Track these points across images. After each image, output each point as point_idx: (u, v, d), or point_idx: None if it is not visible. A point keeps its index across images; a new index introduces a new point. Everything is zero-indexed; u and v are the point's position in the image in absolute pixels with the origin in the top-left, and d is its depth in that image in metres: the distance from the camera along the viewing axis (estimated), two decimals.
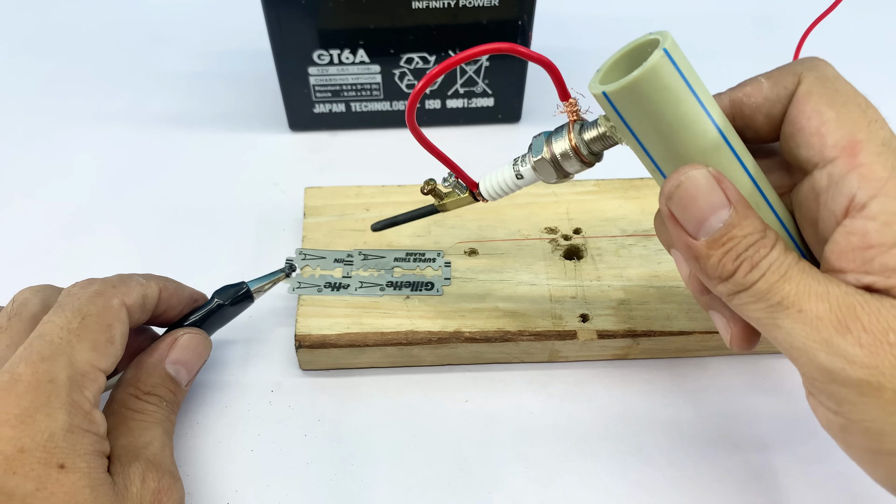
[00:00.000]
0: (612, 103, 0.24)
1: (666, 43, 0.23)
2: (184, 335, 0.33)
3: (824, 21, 0.40)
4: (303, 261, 0.39)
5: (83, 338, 0.28)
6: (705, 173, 0.24)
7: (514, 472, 0.33)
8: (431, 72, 0.25)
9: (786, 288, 0.23)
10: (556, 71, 0.26)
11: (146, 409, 0.31)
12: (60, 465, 0.25)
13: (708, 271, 0.25)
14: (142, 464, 0.28)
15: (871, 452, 0.23)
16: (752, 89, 0.26)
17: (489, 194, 0.31)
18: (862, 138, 0.23)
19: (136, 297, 0.31)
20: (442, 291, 0.37)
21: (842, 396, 0.23)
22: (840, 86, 0.24)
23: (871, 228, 0.23)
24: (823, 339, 0.22)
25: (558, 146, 0.28)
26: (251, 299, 0.36)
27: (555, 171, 0.28)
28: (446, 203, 0.33)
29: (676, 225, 0.25)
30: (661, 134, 0.24)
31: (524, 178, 0.30)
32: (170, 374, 0.32)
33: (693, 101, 0.24)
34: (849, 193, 0.23)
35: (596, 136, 0.27)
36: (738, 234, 0.24)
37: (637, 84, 0.23)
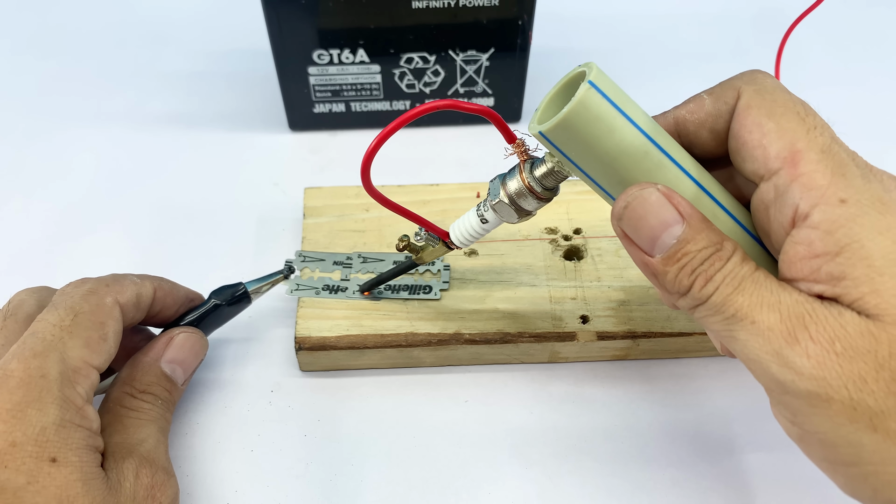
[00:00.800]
0: (550, 141, 0.25)
1: (591, 75, 0.23)
2: (180, 334, 0.33)
3: (813, 15, 0.40)
4: (302, 263, 0.39)
5: (75, 335, 0.28)
6: (653, 191, 0.24)
7: (514, 472, 0.33)
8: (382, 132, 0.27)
9: (739, 300, 0.23)
10: (498, 117, 0.27)
11: (141, 407, 0.31)
12: (52, 458, 0.25)
13: (666, 287, 0.25)
14: (135, 460, 0.29)
15: (827, 462, 0.24)
16: (694, 106, 0.26)
17: (460, 241, 0.32)
18: (801, 147, 0.23)
19: (129, 295, 0.31)
20: (440, 296, 0.37)
21: (795, 407, 0.23)
22: (778, 96, 0.24)
23: (814, 237, 0.23)
24: (774, 350, 0.22)
25: (512, 186, 0.28)
26: (249, 300, 0.36)
27: (515, 210, 0.29)
28: (423, 256, 0.34)
29: (631, 244, 0.25)
30: (603, 162, 0.25)
31: (489, 221, 0.31)
32: (165, 373, 0.32)
33: (628, 126, 0.24)
34: (793, 204, 0.23)
35: (545, 172, 0.27)
36: (692, 248, 0.24)
37: (568, 120, 0.23)
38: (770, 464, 0.34)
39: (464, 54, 0.46)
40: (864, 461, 0.22)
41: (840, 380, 0.22)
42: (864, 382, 0.21)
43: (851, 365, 0.22)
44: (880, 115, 0.53)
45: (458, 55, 0.46)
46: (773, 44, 0.57)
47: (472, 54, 0.46)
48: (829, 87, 0.54)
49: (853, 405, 0.22)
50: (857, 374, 0.21)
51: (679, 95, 0.53)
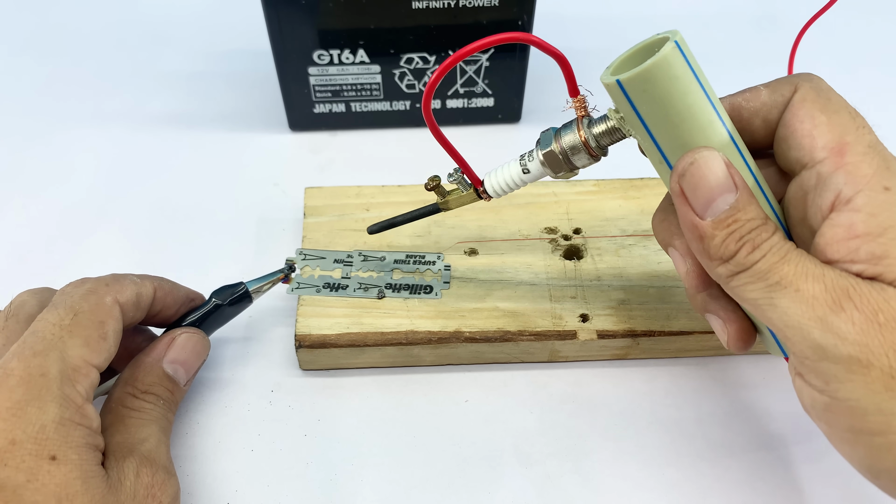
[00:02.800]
0: (625, 92, 0.25)
1: (676, 37, 0.24)
2: (181, 335, 0.33)
3: (821, 19, 0.40)
4: (303, 261, 0.39)
5: (75, 334, 0.28)
6: (717, 156, 0.25)
7: (514, 472, 0.33)
8: (447, 61, 0.26)
9: (785, 269, 0.24)
10: (569, 66, 0.27)
11: (143, 407, 0.31)
12: (52, 456, 0.25)
13: (711, 251, 0.25)
14: (136, 459, 0.29)
15: (852, 432, 0.24)
16: (751, 95, 0.28)
17: (494, 191, 0.32)
18: (850, 140, 0.25)
19: (129, 294, 0.31)
20: (440, 295, 0.37)
21: (831, 374, 0.23)
22: (832, 96, 0.26)
23: (856, 220, 0.24)
24: (818, 316, 0.23)
25: (567, 140, 0.29)
26: (250, 300, 0.36)
27: (564, 163, 0.29)
28: (449, 200, 0.34)
29: (685, 203, 0.26)
30: (671, 122, 0.25)
31: (531, 172, 0.30)
32: (167, 374, 0.32)
33: (701, 94, 0.25)
34: (835, 189, 0.24)
35: (605, 130, 0.28)
36: (742, 217, 0.25)
37: (649, 72, 0.24)
38: (770, 464, 0.34)
39: None
40: (893, 430, 0.23)
41: (882, 348, 0.23)
42: None
43: (893, 335, 0.22)
44: (886, 120, 0.53)
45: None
46: (774, 44, 0.57)
47: (472, 55, 0.46)
48: None
49: (892, 373, 0.22)
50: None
51: None
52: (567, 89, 0.28)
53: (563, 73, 0.27)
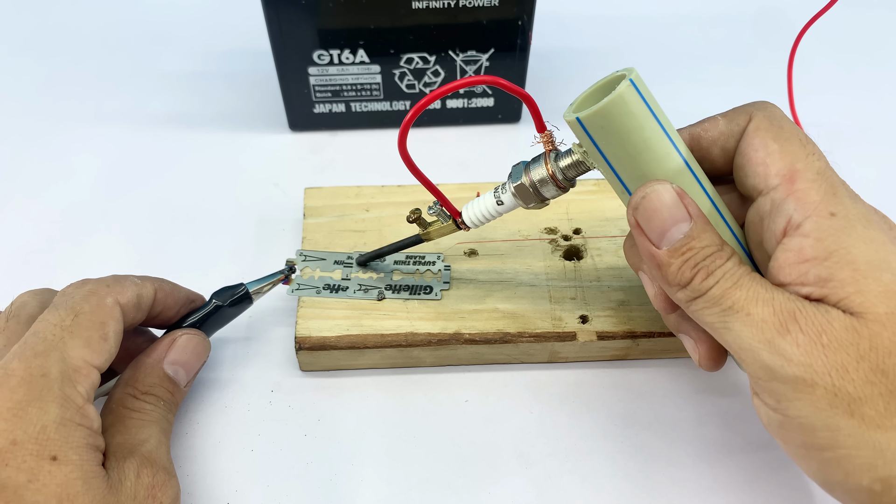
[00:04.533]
0: (584, 128, 0.27)
1: (632, 75, 0.26)
2: (182, 336, 0.33)
3: (821, 19, 0.40)
4: (303, 262, 0.39)
5: (76, 334, 0.28)
6: (669, 188, 0.27)
7: (514, 472, 0.33)
8: (420, 102, 0.27)
9: (736, 294, 0.25)
10: (534, 105, 0.29)
11: (143, 408, 0.31)
12: (53, 456, 0.25)
13: (668, 278, 0.27)
14: (137, 459, 0.29)
15: (804, 447, 0.25)
16: (709, 125, 0.29)
17: (471, 221, 0.33)
18: (800, 167, 0.26)
19: (130, 296, 0.31)
20: (440, 296, 0.37)
21: (780, 393, 0.25)
22: (785, 124, 0.27)
23: (805, 244, 0.25)
24: (766, 339, 0.25)
25: (536, 173, 0.30)
26: (250, 301, 0.36)
27: (534, 195, 0.31)
28: (430, 232, 0.35)
29: (641, 234, 0.27)
30: (629, 155, 0.27)
31: (504, 204, 0.32)
32: (168, 375, 0.32)
33: (656, 127, 0.27)
34: (787, 215, 0.26)
35: (570, 164, 0.29)
36: (696, 245, 0.26)
37: (606, 109, 0.26)
38: (770, 464, 0.34)
39: (464, 54, 0.46)
40: (840, 445, 0.24)
41: (825, 367, 0.24)
42: (845, 371, 0.24)
43: (835, 355, 0.24)
44: (883, 119, 0.53)
45: (458, 55, 0.46)
46: (774, 44, 0.57)
47: (472, 55, 0.46)
48: (832, 91, 0.54)
49: (834, 391, 0.24)
50: (840, 363, 0.24)
51: (679, 95, 0.53)
52: (534, 125, 0.30)
53: (529, 111, 0.29)
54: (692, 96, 0.52)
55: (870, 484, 0.24)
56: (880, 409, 0.23)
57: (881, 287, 0.24)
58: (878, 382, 0.23)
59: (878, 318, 0.24)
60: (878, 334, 0.24)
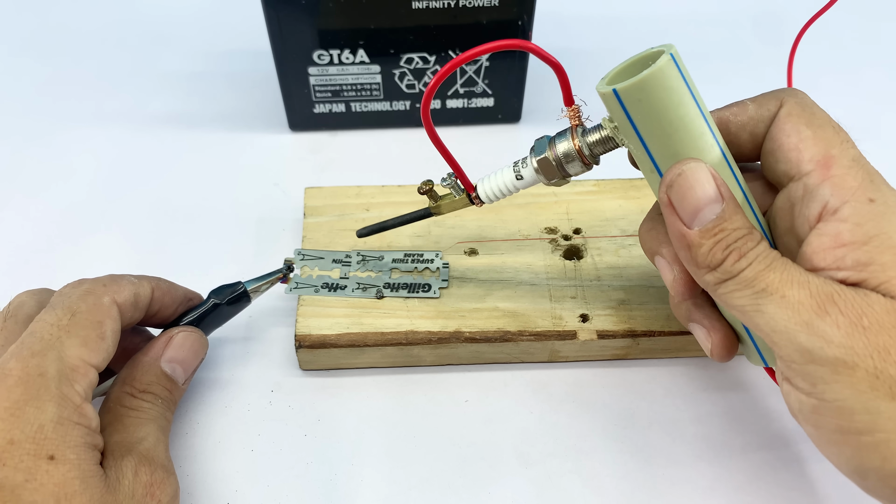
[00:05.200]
0: (620, 101, 0.26)
1: (672, 50, 0.25)
2: (179, 334, 0.33)
3: (820, 19, 0.40)
4: (301, 261, 0.39)
5: (73, 334, 0.28)
6: (704, 167, 0.26)
7: (514, 472, 0.33)
8: (444, 68, 0.26)
9: (770, 276, 0.25)
10: (565, 75, 0.28)
11: (141, 407, 0.31)
12: (50, 456, 0.25)
13: (698, 260, 0.26)
14: (135, 458, 0.29)
15: (839, 432, 0.24)
16: (738, 109, 0.28)
17: (487, 196, 0.32)
18: (835, 154, 0.26)
19: (127, 294, 0.31)
20: (439, 294, 0.37)
21: (817, 376, 0.24)
22: (816, 111, 0.27)
23: (843, 229, 0.25)
24: (804, 321, 0.24)
25: (562, 148, 0.29)
26: (248, 299, 0.36)
27: (558, 171, 0.30)
28: (441, 205, 0.34)
29: (673, 213, 0.26)
30: (664, 132, 0.26)
31: (524, 179, 0.31)
32: (165, 373, 0.32)
33: (693, 106, 0.26)
34: (822, 200, 0.25)
35: (599, 139, 0.28)
36: (728, 226, 0.26)
37: (645, 82, 0.25)
38: (770, 464, 0.34)
39: None
40: (879, 428, 0.23)
41: (866, 349, 0.23)
42: (887, 353, 0.23)
43: (877, 337, 0.23)
44: (883, 118, 0.53)
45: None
46: (773, 44, 0.57)
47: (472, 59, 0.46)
48: (832, 91, 0.54)
49: (876, 373, 0.23)
50: (882, 345, 0.23)
51: None
52: (562, 98, 0.29)
53: (559, 81, 0.28)
54: None
55: None
56: None
57: None
58: None
59: None
60: None
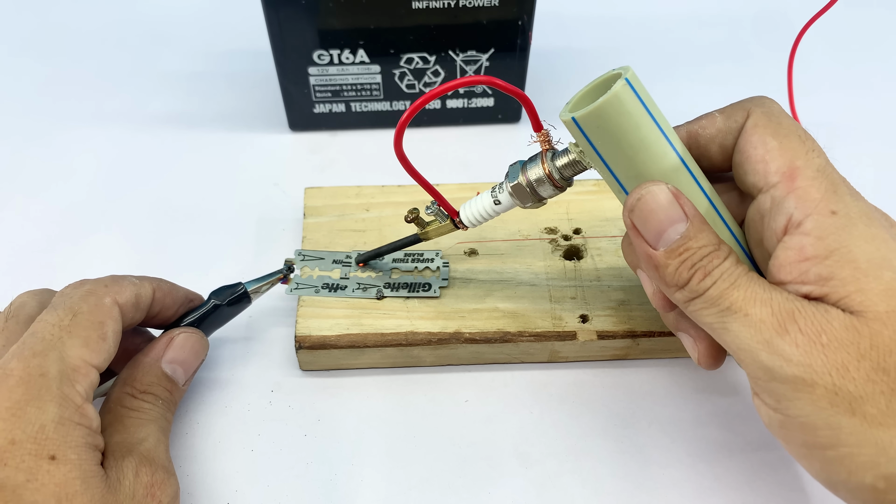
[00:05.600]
0: (580, 128, 0.27)
1: (627, 74, 0.26)
2: (180, 335, 0.33)
3: (821, 19, 0.40)
4: (301, 261, 0.39)
5: (74, 334, 0.28)
6: (664, 189, 0.26)
7: (514, 472, 0.33)
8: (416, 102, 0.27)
9: (734, 294, 0.25)
10: (530, 104, 0.29)
11: (141, 407, 0.31)
12: (51, 456, 0.25)
13: (666, 279, 0.27)
14: (135, 458, 0.29)
15: (805, 447, 0.25)
16: (706, 122, 0.29)
17: (469, 221, 0.33)
18: (800, 165, 0.26)
19: (128, 295, 0.31)
20: (439, 293, 0.37)
21: (780, 393, 0.25)
22: (783, 120, 0.27)
23: (806, 243, 0.25)
24: (765, 339, 0.25)
25: (533, 173, 0.30)
26: (249, 300, 0.36)
27: (531, 195, 0.31)
28: (428, 231, 0.35)
29: (638, 236, 0.27)
30: (625, 155, 0.27)
31: (502, 203, 0.32)
32: (166, 373, 0.32)
33: (653, 126, 0.26)
34: (787, 213, 0.26)
35: (567, 163, 0.29)
36: (693, 245, 0.26)
37: (602, 109, 0.25)
38: (770, 464, 0.34)
39: (464, 54, 0.46)
40: (842, 443, 0.24)
41: (825, 367, 0.24)
42: (846, 370, 0.23)
43: (835, 354, 0.24)
44: (883, 118, 0.53)
45: (458, 55, 0.46)
46: (773, 44, 0.57)
47: (472, 54, 0.46)
48: (832, 91, 0.54)
49: (835, 390, 0.24)
50: (840, 362, 0.24)
51: (678, 95, 0.53)
52: (531, 125, 0.30)
53: (525, 110, 0.29)
54: (691, 96, 0.52)
55: (873, 482, 0.24)
56: (882, 408, 0.23)
57: (882, 285, 0.24)
58: (880, 381, 0.23)
59: (878, 316, 0.24)
60: (878, 333, 0.23)
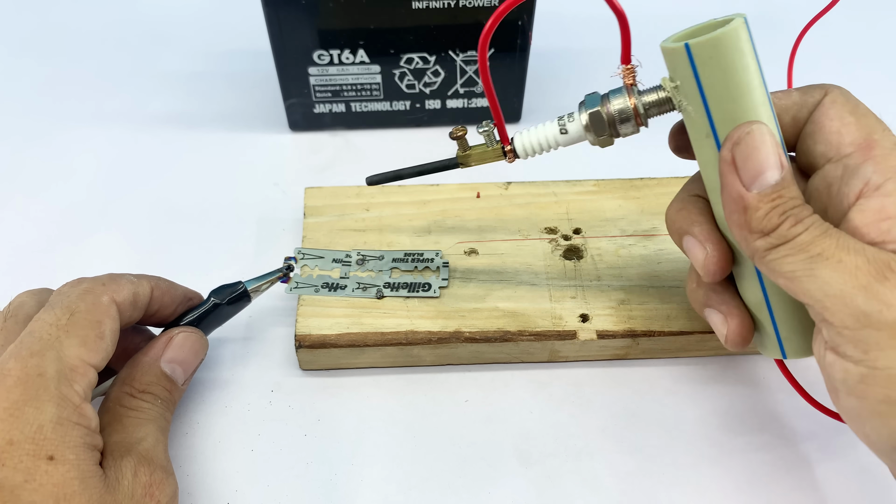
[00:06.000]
0: (691, 57, 0.26)
1: (744, 17, 0.26)
2: (179, 334, 0.33)
3: (821, 21, 0.40)
4: (301, 260, 0.39)
5: (72, 333, 0.28)
6: (770, 131, 0.26)
7: (514, 472, 0.33)
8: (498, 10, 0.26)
9: (826, 242, 0.25)
10: (627, 26, 0.28)
11: (140, 407, 0.31)
12: (49, 456, 0.25)
13: (752, 224, 0.26)
14: (134, 458, 0.29)
15: (887, 403, 0.24)
16: (783, 94, 0.29)
17: (524, 149, 0.31)
18: (877, 138, 0.27)
19: (126, 294, 0.31)
20: (439, 293, 0.37)
21: (872, 341, 0.24)
22: (860, 103, 0.28)
23: (888, 203, 0.25)
24: (862, 284, 0.24)
25: (616, 104, 0.29)
26: (248, 299, 0.36)
27: (608, 128, 0.29)
28: (470, 154, 0.32)
29: (733, 172, 0.26)
30: (729, 94, 0.26)
31: (569, 133, 0.30)
32: (165, 373, 0.32)
33: (758, 73, 0.26)
34: (864, 178, 0.26)
35: (655, 101, 0.28)
36: (786, 194, 0.26)
37: (720, 40, 0.25)
38: (770, 464, 0.34)
39: (464, 54, 0.46)
40: None
41: None
42: None
43: None
44: (885, 118, 0.53)
45: (458, 55, 0.46)
46: (772, 44, 0.57)
47: (472, 54, 0.46)
48: None
49: None
50: None
51: None
52: (620, 55, 0.28)
53: (621, 34, 0.28)
54: None
55: None
56: None
57: None
58: None
59: None
60: None
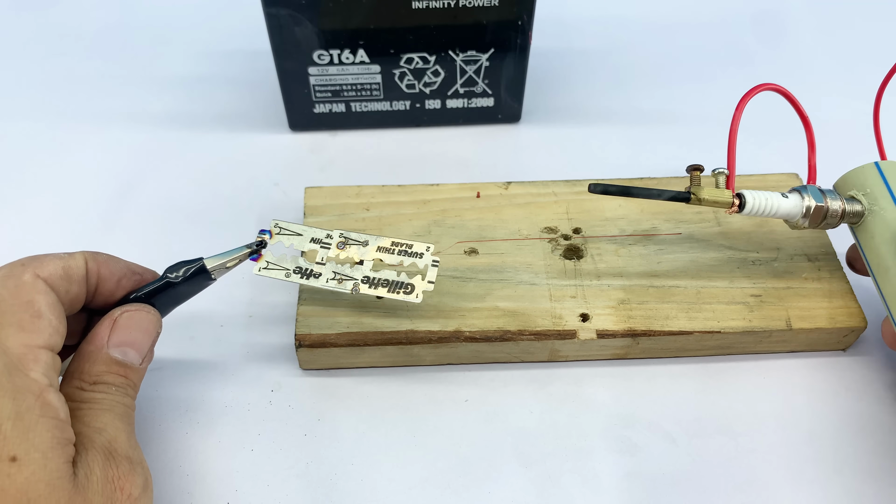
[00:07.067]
0: (881, 171, 0.35)
1: None
2: (122, 314, 0.30)
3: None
4: (277, 235, 0.35)
5: (4, 323, 0.26)
6: None
7: (514, 472, 0.33)
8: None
9: None
10: (813, 149, 0.35)
11: (94, 399, 0.29)
12: (11, 457, 0.24)
13: None
14: (97, 452, 0.27)
15: None
16: None
17: (752, 206, 0.34)
18: None
19: (52, 268, 0.29)
20: (420, 299, 0.34)
21: None
22: None
23: None
24: None
25: (834, 205, 0.35)
26: (208, 276, 0.33)
27: (821, 219, 0.35)
28: (702, 192, 0.33)
29: None
30: None
31: (789, 199, 0.34)
32: (115, 359, 0.30)
33: None
34: None
35: (854, 211, 0.35)
36: None
37: None
38: (770, 463, 0.34)
39: (464, 54, 0.46)
40: None
41: None
42: None
43: None
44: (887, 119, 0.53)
45: (458, 55, 0.46)
46: (774, 45, 0.57)
47: (471, 54, 0.46)
48: (834, 90, 0.54)
49: None
50: None
51: (678, 96, 0.53)
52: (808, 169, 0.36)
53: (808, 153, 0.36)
54: (692, 96, 0.52)
55: None
56: None
57: None
58: None
59: None
60: None
